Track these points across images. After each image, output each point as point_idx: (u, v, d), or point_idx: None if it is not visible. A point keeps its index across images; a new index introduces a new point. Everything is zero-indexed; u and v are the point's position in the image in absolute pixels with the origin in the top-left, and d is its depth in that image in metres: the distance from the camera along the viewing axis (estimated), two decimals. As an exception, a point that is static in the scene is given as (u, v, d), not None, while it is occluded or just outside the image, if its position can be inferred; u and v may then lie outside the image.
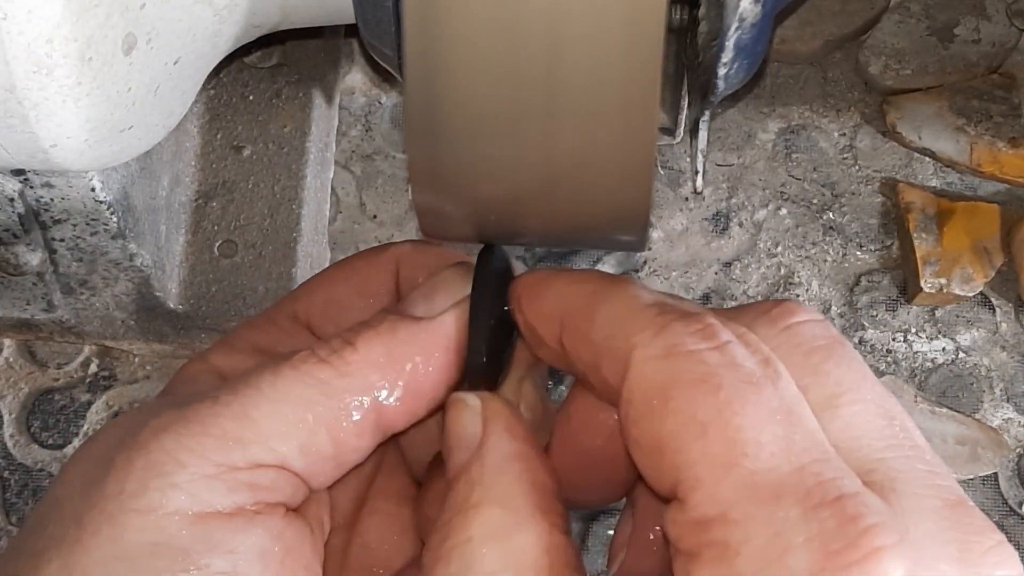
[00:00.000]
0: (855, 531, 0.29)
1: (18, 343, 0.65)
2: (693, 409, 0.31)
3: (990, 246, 0.67)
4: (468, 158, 0.34)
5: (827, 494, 0.30)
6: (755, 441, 0.30)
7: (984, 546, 0.30)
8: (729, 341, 0.32)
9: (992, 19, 0.71)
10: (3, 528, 0.63)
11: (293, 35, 0.63)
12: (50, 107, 0.41)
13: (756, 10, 0.41)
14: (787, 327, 0.34)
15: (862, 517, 0.29)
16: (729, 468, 0.30)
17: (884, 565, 0.28)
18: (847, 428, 0.32)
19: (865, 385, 0.33)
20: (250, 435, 0.34)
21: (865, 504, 0.29)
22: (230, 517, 0.34)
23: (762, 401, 0.31)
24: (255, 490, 0.34)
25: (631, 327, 0.33)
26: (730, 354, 0.32)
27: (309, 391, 0.35)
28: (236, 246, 0.63)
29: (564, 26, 0.31)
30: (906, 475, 0.31)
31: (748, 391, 0.31)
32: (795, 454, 0.30)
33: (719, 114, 0.71)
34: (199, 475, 0.34)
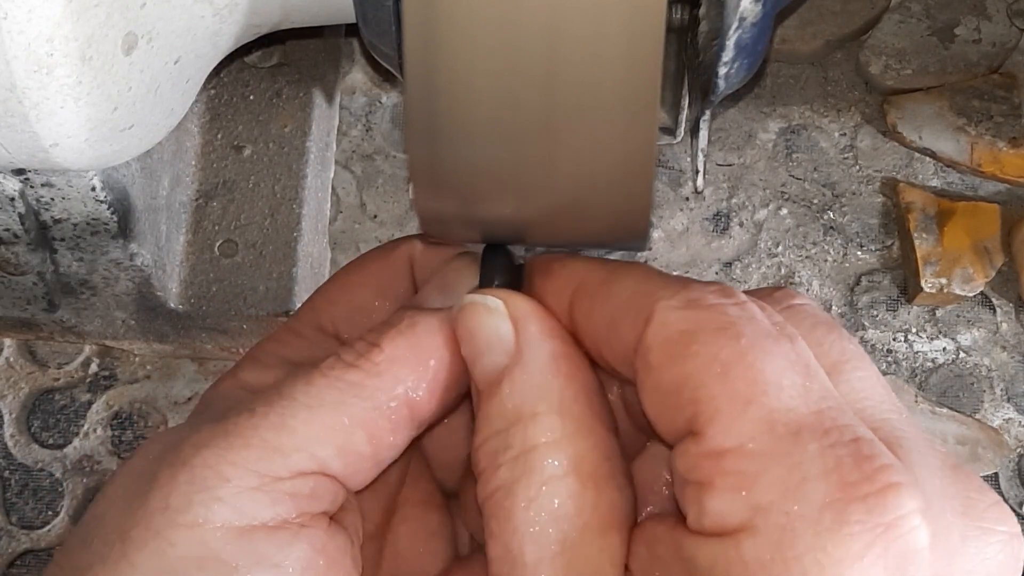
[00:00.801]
0: (871, 467, 0.30)
1: (18, 343, 0.65)
2: (716, 351, 0.32)
3: (991, 246, 0.67)
4: (469, 158, 0.34)
5: (843, 435, 0.31)
6: (776, 383, 0.31)
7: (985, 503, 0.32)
8: (747, 301, 0.34)
9: (993, 19, 0.71)
10: (3, 528, 0.63)
11: (293, 35, 0.63)
12: (50, 106, 0.41)
13: (756, 9, 0.41)
14: (789, 306, 0.36)
15: (878, 457, 0.30)
16: (749, 403, 0.31)
17: (900, 498, 0.30)
18: (852, 391, 0.34)
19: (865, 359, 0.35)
20: (289, 443, 0.35)
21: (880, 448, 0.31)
22: (275, 530, 0.34)
23: (781, 352, 0.32)
24: (297, 500, 0.35)
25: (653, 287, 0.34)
26: (750, 310, 0.33)
27: (342, 395, 0.36)
28: (236, 246, 0.63)
29: (564, 25, 0.31)
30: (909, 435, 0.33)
31: (768, 341, 0.32)
32: (813, 400, 0.31)
33: (719, 114, 0.71)
34: (243, 488, 0.34)
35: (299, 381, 0.36)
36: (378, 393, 0.36)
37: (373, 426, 0.36)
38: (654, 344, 0.33)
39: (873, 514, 0.29)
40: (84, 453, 0.64)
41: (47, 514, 0.63)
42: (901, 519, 0.29)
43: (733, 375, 0.31)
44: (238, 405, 0.37)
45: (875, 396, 0.34)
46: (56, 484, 0.64)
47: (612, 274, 0.36)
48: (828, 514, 0.29)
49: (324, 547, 0.35)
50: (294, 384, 0.36)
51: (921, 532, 0.30)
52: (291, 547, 0.34)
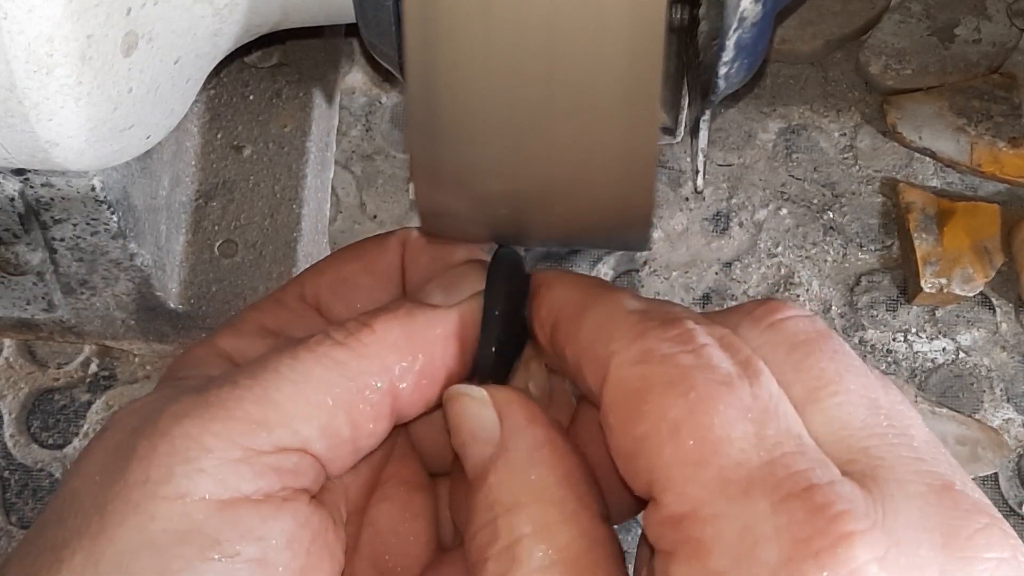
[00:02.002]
0: (823, 519, 0.29)
1: (18, 343, 0.65)
2: (665, 410, 0.31)
3: (990, 246, 0.67)
4: (469, 158, 0.34)
5: (796, 485, 0.30)
6: (726, 438, 0.31)
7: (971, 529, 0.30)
8: (705, 344, 0.33)
9: (993, 19, 0.71)
10: (3, 528, 0.63)
11: (293, 35, 0.63)
12: (50, 106, 0.41)
13: (757, 9, 0.41)
14: (770, 325, 0.35)
15: (831, 505, 0.29)
16: (699, 466, 0.31)
17: (853, 550, 0.29)
18: (828, 421, 0.33)
19: (848, 376, 0.33)
20: (273, 418, 0.34)
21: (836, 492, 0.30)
22: (258, 503, 0.34)
23: (734, 400, 0.31)
24: (280, 474, 0.34)
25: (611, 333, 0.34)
26: (705, 356, 0.32)
27: (328, 373, 0.35)
28: (236, 246, 0.63)
29: (564, 25, 0.31)
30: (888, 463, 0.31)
31: (720, 391, 0.31)
32: (766, 448, 0.31)
33: (719, 114, 0.71)
34: (226, 460, 0.33)
35: (284, 355, 0.36)
36: (363, 375, 0.36)
37: (355, 410, 0.35)
38: (611, 405, 0.33)
39: (827, 570, 0.29)
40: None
41: (47, 514, 0.63)
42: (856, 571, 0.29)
43: (682, 436, 0.31)
44: (220, 377, 0.36)
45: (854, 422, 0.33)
46: (56, 484, 0.64)
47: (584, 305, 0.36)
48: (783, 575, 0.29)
49: (307, 521, 0.35)
50: (279, 357, 0.36)
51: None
52: (275, 520, 0.34)
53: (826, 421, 0.32)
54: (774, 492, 0.30)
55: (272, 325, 0.41)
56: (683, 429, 0.31)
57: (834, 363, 0.34)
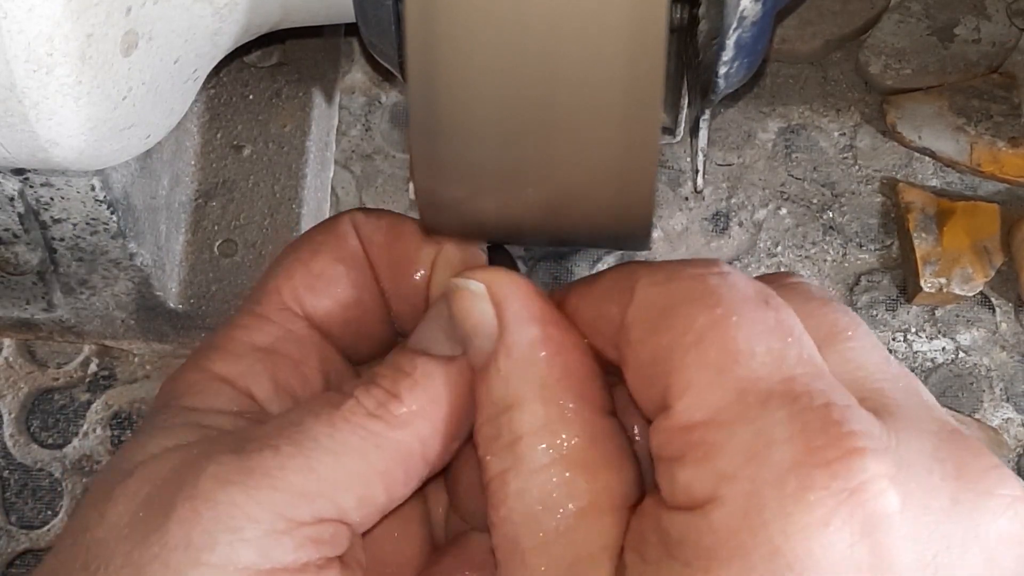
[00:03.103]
0: (838, 432, 0.29)
1: (18, 343, 0.65)
2: (691, 320, 0.32)
3: (990, 246, 0.67)
4: (469, 157, 0.34)
5: (814, 400, 0.30)
6: (749, 351, 0.31)
7: (983, 465, 0.31)
8: (730, 271, 0.33)
9: (992, 19, 0.71)
10: (2, 528, 0.63)
11: (293, 34, 0.63)
12: (50, 106, 0.41)
13: (756, 9, 0.41)
14: (785, 284, 0.36)
15: (847, 421, 0.30)
16: (720, 373, 0.31)
17: (864, 463, 0.29)
18: (844, 362, 0.33)
19: (861, 330, 0.34)
20: (315, 489, 0.34)
21: (852, 413, 0.30)
22: (295, 573, 0.34)
23: (760, 318, 0.32)
24: (319, 545, 0.34)
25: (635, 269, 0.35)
26: (731, 279, 0.33)
27: (364, 444, 0.35)
28: (236, 245, 0.63)
29: (565, 25, 0.31)
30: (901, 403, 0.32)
31: (747, 307, 0.32)
32: (788, 366, 0.31)
33: (719, 113, 0.71)
34: (270, 530, 0.33)
35: (321, 422, 0.35)
36: (399, 446, 0.36)
37: (390, 478, 0.36)
38: (634, 321, 0.33)
39: (837, 479, 0.29)
40: (83, 453, 0.64)
41: (46, 514, 0.63)
42: (866, 483, 0.29)
43: (706, 344, 0.31)
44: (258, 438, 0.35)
45: (869, 365, 0.33)
46: (55, 484, 0.64)
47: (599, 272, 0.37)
48: (792, 479, 0.29)
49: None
50: (316, 424, 0.35)
51: (889, 496, 0.29)
52: None
53: (841, 362, 0.33)
54: (793, 404, 0.30)
55: (263, 343, 0.40)
56: (707, 338, 0.31)
57: (847, 316, 0.35)
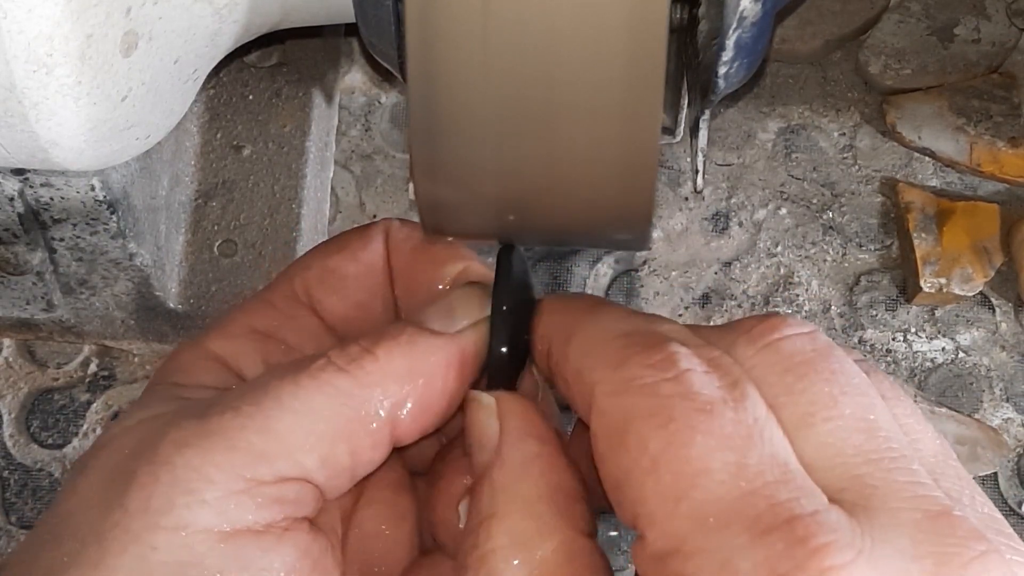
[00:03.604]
0: (803, 552, 0.28)
1: (18, 343, 0.65)
2: (645, 443, 0.31)
3: (990, 246, 0.67)
4: (469, 157, 0.34)
5: (777, 517, 0.29)
6: (704, 470, 0.30)
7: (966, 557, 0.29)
8: (688, 369, 0.32)
9: (992, 19, 0.71)
10: (2, 527, 0.63)
11: (293, 34, 0.63)
12: (50, 106, 0.41)
13: (756, 9, 0.41)
14: (766, 344, 0.34)
15: (813, 537, 0.29)
16: (679, 501, 0.30)
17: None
18: (820, 447, 0.32)
19: (844, 400, 0.32)
20: (275, 449, 0.34)
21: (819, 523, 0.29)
22: (259, 535, 0.34)
23: (714, 428, 0.31)
24: (282, 505, 0.34)
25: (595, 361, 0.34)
26: (686, 383, 0.32)
27: (330, 401, 0.35)
28: (236, 245, 0.63)
29: (565, 25, 0.31)
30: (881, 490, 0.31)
31: (699, 419, 0.31)
32: (746, 479, 0.30)
33: (719, 113, 0.71)
34: (228, 491, 0.33)
35: (286, 382, 0.35)
36: (365, 404, 0.36)
37: (355, 439, 0.35)
38: (597, 435, 0.33)
39: None
40: (83, 453, 0.64)
41: (46, 514, 0.64)
42: None
43: (661, 470, 0.31)
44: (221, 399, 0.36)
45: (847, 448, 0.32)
46: (55, 484, 0.64)
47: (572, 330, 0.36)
48: None
49: (308, 550, 0.35)
50: (281, 384, 0.35)
51: None
52: (276, 551, 0.34)
53: (818, 447, 0.32)
54: (754, 525, 0.29)
55: (262, 326, 0.40)
56: (662, 463, 0.31)
57: (829, 385, 0.33)
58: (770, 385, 0.32)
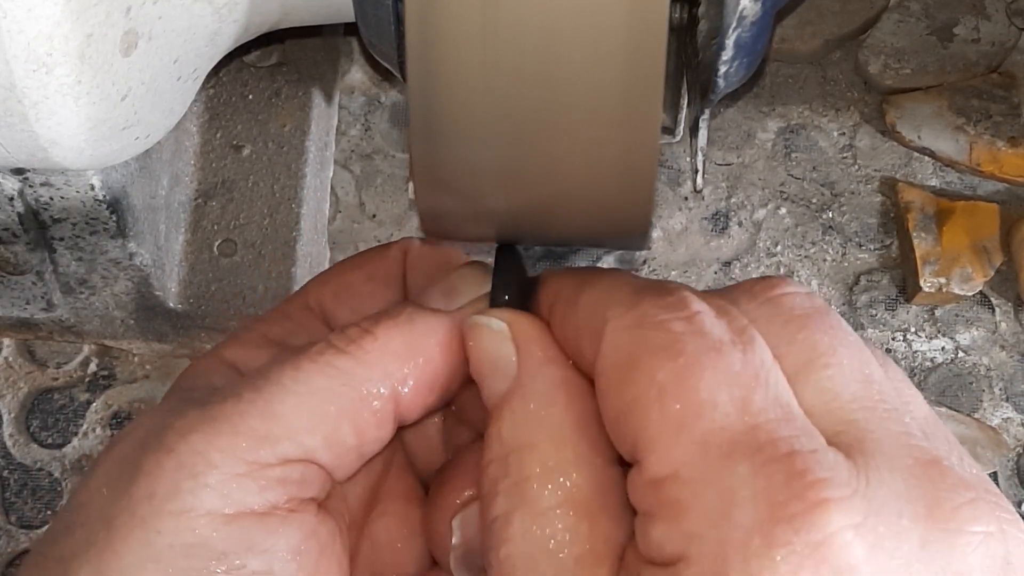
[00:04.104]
0: (801, 484, 0.29)
1: (17, 342, 0.65)
2: (653, 374, 0.32)
3: (990, 245, 0.67)
4: (469, 157, 0.34)
5: (777, 450, 0.30)
6: (710, 402, 0.31)
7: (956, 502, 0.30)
8: (699, 311, 0.33)
9: (992, 18, 0.71)
10: (2, 527, 0.63)
11: (292, 34, 0.63)
12: (50, 105, 0.41)
13: (756, 8, 0.41)
14: (767, 299, 0.35)
15: (810, 471, 0.29)
16: (683, 429, 0.31)
17: (829, 516, 0.29)
18: (819, 392, 0.33)
19: (842, 350, 0.33)
20: (277, 431, 0.34)
21: (817, 460, 0.30)
22: (264, 516, 0.34)
23: (722, 366, 0.31)
24: (286, 486, 0.35)
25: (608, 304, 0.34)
26: (698, 323, 0.32)
27: (331, 382, 0.35)
28: (236, 245, 0.63)
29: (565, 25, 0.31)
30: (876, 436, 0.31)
31: (709, 356, 0.32)
32: (751, 414, 0.31)
33: (719, 113, 0.71)
34: (231, 474, 0.34)
35: (287, 366, 0.36)
36: (366, 383, 0.36)
37: (359, 418, 0.36)
38: (603, 369, 0.33)
39: (800, 534, 0.29)
40: (83, 453, 0.64)
41: (46, 514, 0.63)
42: (830, 536, 0.29)
43: (668, 398, 0.31)
44: (223, 388, 0.36)
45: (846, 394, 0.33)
46: (55, 484, 0.64)
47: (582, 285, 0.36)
48: (757, 538, 0.29)
49: (314, 531, 0.35)
50: (282, 368, 0.36)
51: (855, 548, 0.29)
52: (281, 532, 0.34)
53: (816, 392, 0.33)
54: (755, 456, 0.30)
55: (275, 335, 0.41)
56: (669, 392, 0.31)
57: (828, 336, 0.34)
58: (771, 335, 0.33)
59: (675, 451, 0.31)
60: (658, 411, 0.31)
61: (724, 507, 0.30)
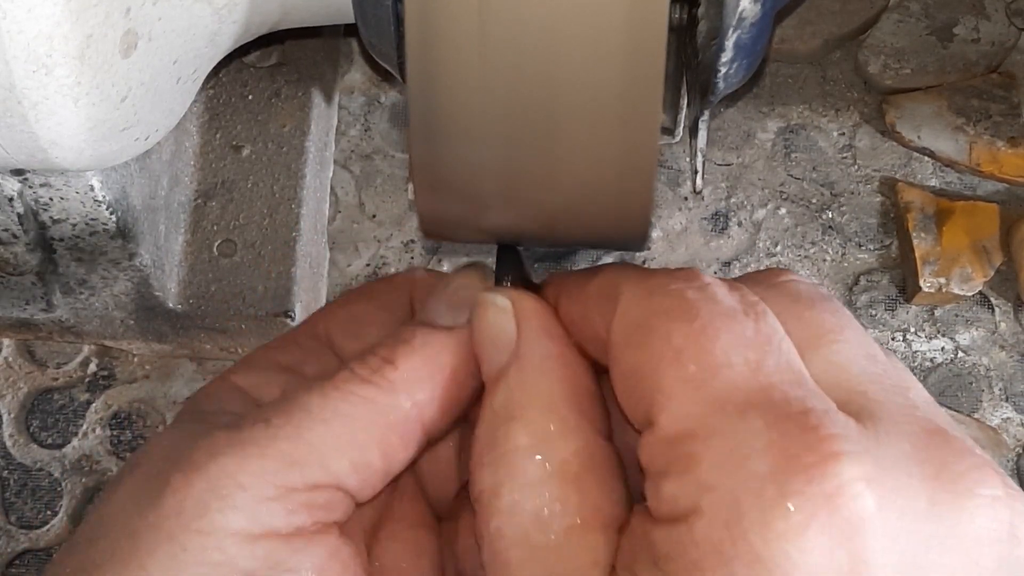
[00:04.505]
0: (815, 438, 0.30)
1: (17, 343, 0.65)
2: (670, 336, 0.32)
3: (989, 245, 0.67)
4: (469, 158, 0.34)
5: (791, 407, 0.31)
6: (726, 363, 0.31)
7: (964, 465, 0.31)
8: (711, 283, 0.34)
9: (991, 18, 0.71)
10: (2, 528, 0.63)
11: (292, 34, 0.63)
12: (49, 106, 0.41)
13: (756, 9, 0.41)
14: (774, 284, 0.36)
15: (824, 427, 0.30)
16: (698, 387, 0.31)
17: (841, 466, 0.29)
18: (827, 365, 0.33)
19: (848, 330, 0.34)
20: (306, 456, 0.35)
21: (830, 418, 0.30)
22: (289, 538, 0.35)
23: (737, 330, 0.32)
24: (312, 510, 0.35)
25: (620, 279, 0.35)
26: (711, 291, 0.33)
27: (356, 409, 0.36)
28: (235, 245, 0.63)
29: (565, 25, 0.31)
30: (884, 405, 0.32)
31: (724, 321, 0.32)
32: (765, 375, 0.31)
33: (718, 113, 0.71)
34: (260, 497, 0.34)
35: (313, 393, 0.36)
36: (392, 410, 0.36)
37: (386, 443, 0.36)
38: (617, 334, 0.34)
39: (813, 484, 0.29)
40: (83, 453, 0.64)
41: (46, 514, 0.63)
42: (842, 487, 0.29)
43: (684, 359, 0.32)
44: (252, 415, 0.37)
45: (853, 367, 0.33)
46: (55, 484, 0.64)
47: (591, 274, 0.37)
48: (770, 487, 0.29)
49: (337, 552, 0.36)
50: (308, 396, 0.36)
51: (866, 499, 0.29)
52: (305, 552, 0.35)
53: (825, 366, 0.33)
54: (769, 412, 0.30)
55: (285, 361, 0.41)
56: (685, 353, 0.32)
57: (835, 316, 0.35)
58: (780, 313, 0.34)
59: (691, 408, 0.31)
60: (674, 372, 0.32)
61: (739, 459, 0.30)
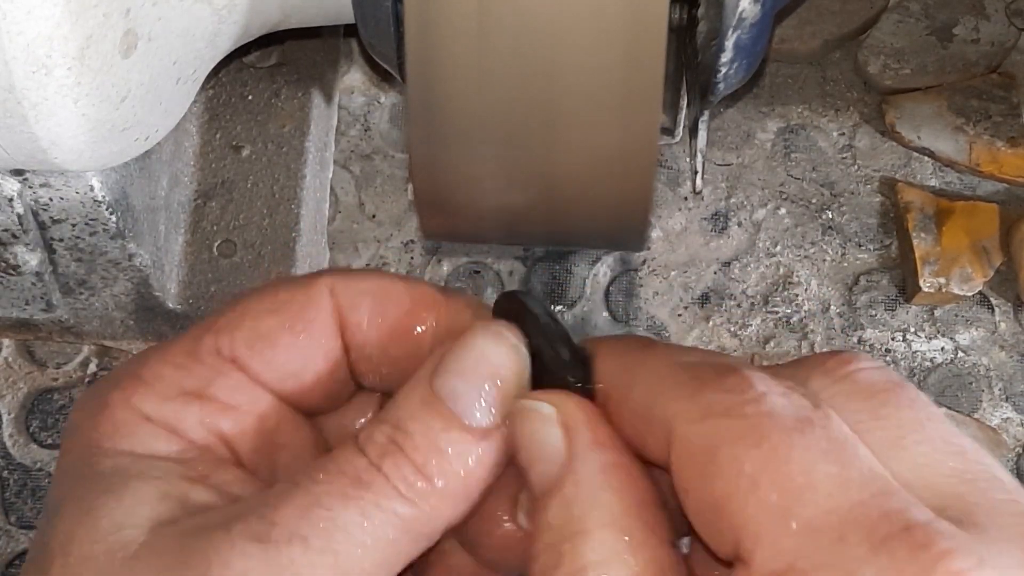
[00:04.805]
0: (928, 557, 0.28)
1: (17, 343, 0.65)
2: (740, 465, 0.30)
3: (989, 246, 0.67)
4: (469, 158, 0.34)
5: (893, 524, 0.29)
6: (809, 485, 0.29)
7: None
8: (765, 392, 0.32)
9: (991, 18, 0.71)
10: (2, 528, 0.63)
11: (292, 35, 0.63)
12: (49, 107, 0.41)
13: (756, 10, 0.41)
14: (843, 376, 0.34)
15: (934, 543, 0.28)
16: (787, 517, 0.29)
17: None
18: (916, 467, 0.31)
19: (930, 425, 0.32)
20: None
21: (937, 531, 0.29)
22: None
23: (809, 443, 0.30)
24: None
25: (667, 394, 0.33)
26: (768, 403, 0.31)
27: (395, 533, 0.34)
28: (235, 246, 0.63)
29: (565, 25, 0.31)
30: (984, 507, 0.30)
31: (792, 436, 0.30)
32: (854, 489, 0.29)
33: (718, 114, 0.71)
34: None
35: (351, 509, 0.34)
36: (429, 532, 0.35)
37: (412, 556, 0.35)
38: (681, 468, 0.32)
39: None
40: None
41: (46, 514, 0.64)
42: None
43: (763, 489, 0.30)
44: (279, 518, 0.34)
45: (944, 469, 0.31)
46: (55, 484, 0.64)
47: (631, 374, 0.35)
48: None
49: None
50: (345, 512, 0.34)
51: None
52: None
53: (913, 468, 0.31)
54: (871, 534, 0.29)
55: (192, 386, 0.38)
56: (763, 482, 0.30)
57: (913, 411, 0.33)
58: (853, 411, 0.32)
59: (786, 543, 0.29)
60: (755, 504, 0.30)
61: None
